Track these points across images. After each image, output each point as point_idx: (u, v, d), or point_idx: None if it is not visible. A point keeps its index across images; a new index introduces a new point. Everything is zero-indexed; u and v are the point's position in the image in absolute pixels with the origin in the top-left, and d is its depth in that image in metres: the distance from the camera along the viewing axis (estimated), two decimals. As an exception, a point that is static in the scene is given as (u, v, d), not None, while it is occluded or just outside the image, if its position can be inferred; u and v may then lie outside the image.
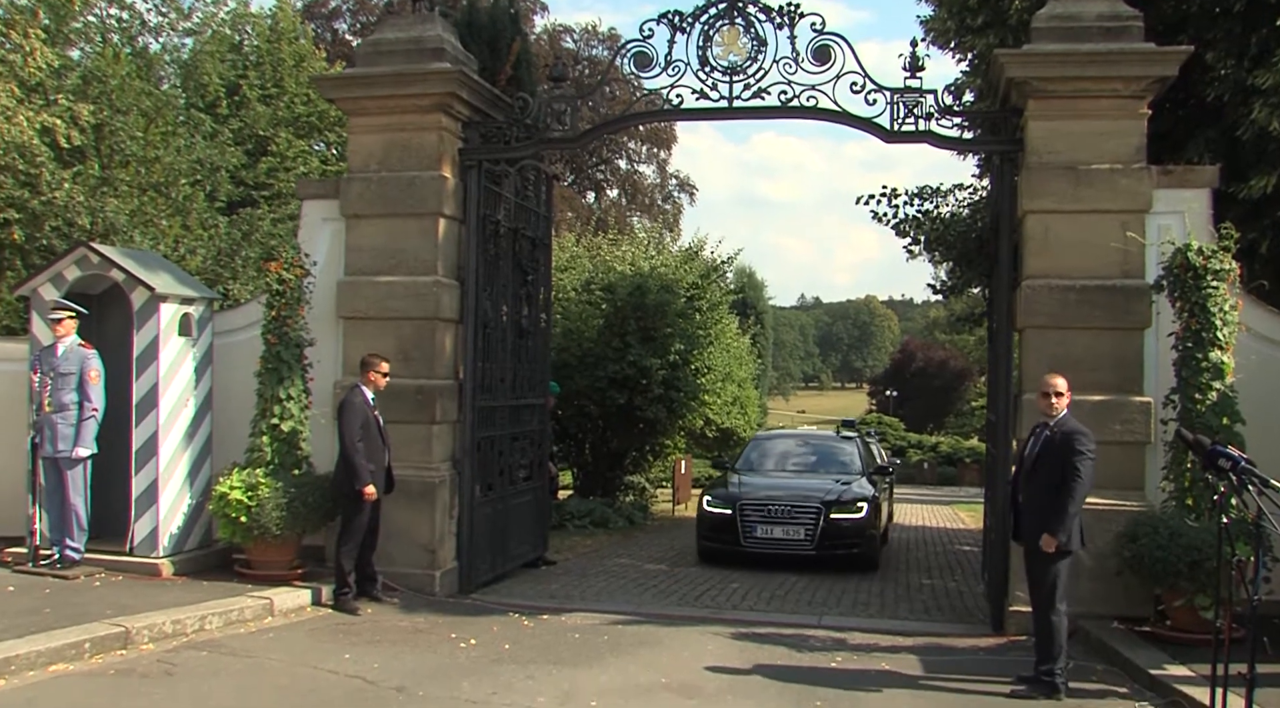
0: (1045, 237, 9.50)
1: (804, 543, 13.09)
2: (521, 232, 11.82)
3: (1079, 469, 7.43)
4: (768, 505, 13.39)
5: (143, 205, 17.43)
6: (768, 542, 13.20)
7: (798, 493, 13.71)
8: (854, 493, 13.66)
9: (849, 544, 13.13)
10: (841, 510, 13.25)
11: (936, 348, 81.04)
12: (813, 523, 13.10)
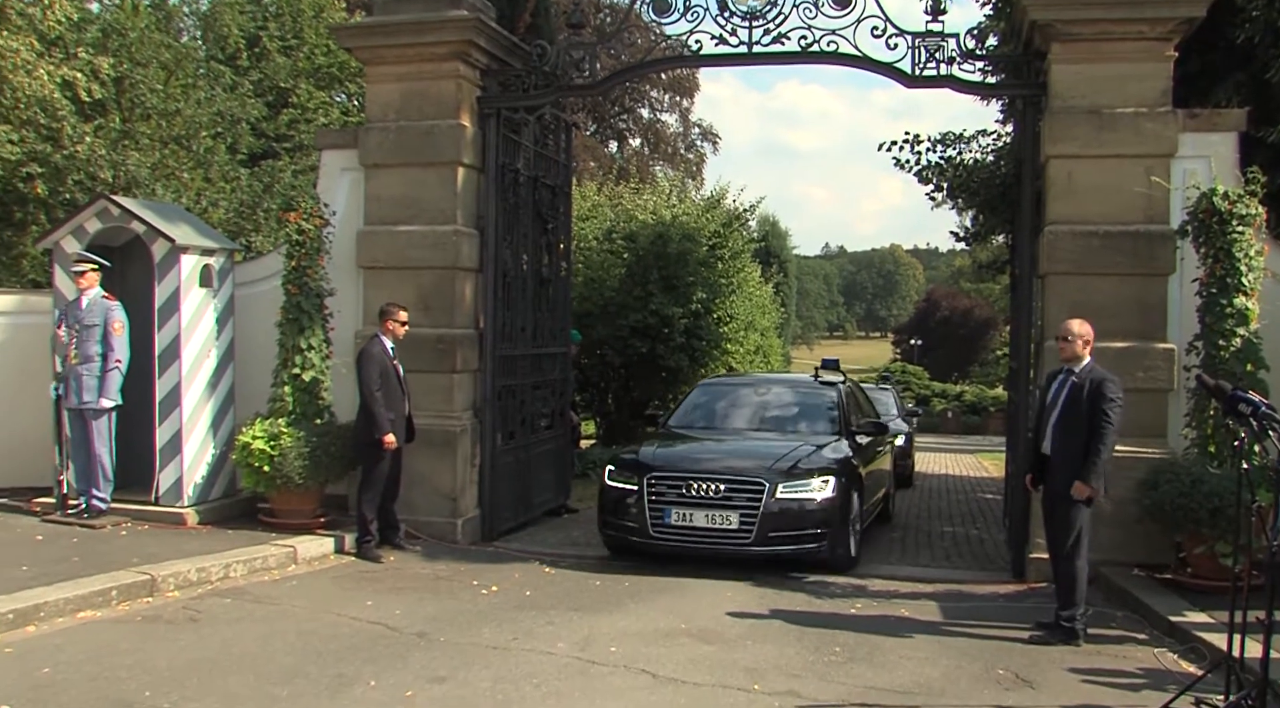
0: (1068, 182, 9.39)
1: (737, 535, 9.33)
2: (541, 180, 11.78)
3: (1109, 416, 7.38)
4: (688, 480, 9.58)
5: (164, 158, 17.44)
6: (686, 532, 9.44)
7: (733, 462, 10.00)
8: (817, 462, 9.88)
9: (804, 537, 9.40)
10: (795, 487, 9.50)
11: (961, 296, 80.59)
12: (751, 505, 9.35)
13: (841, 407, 11.40)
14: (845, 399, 11.66)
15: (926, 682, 6.48)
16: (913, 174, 13.39)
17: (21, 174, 15.79)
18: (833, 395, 11.64)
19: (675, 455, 10.20)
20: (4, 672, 6.05)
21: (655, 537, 9.54)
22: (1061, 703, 6.13)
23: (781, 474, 9.53)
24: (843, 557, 9.75)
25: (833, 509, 9.51)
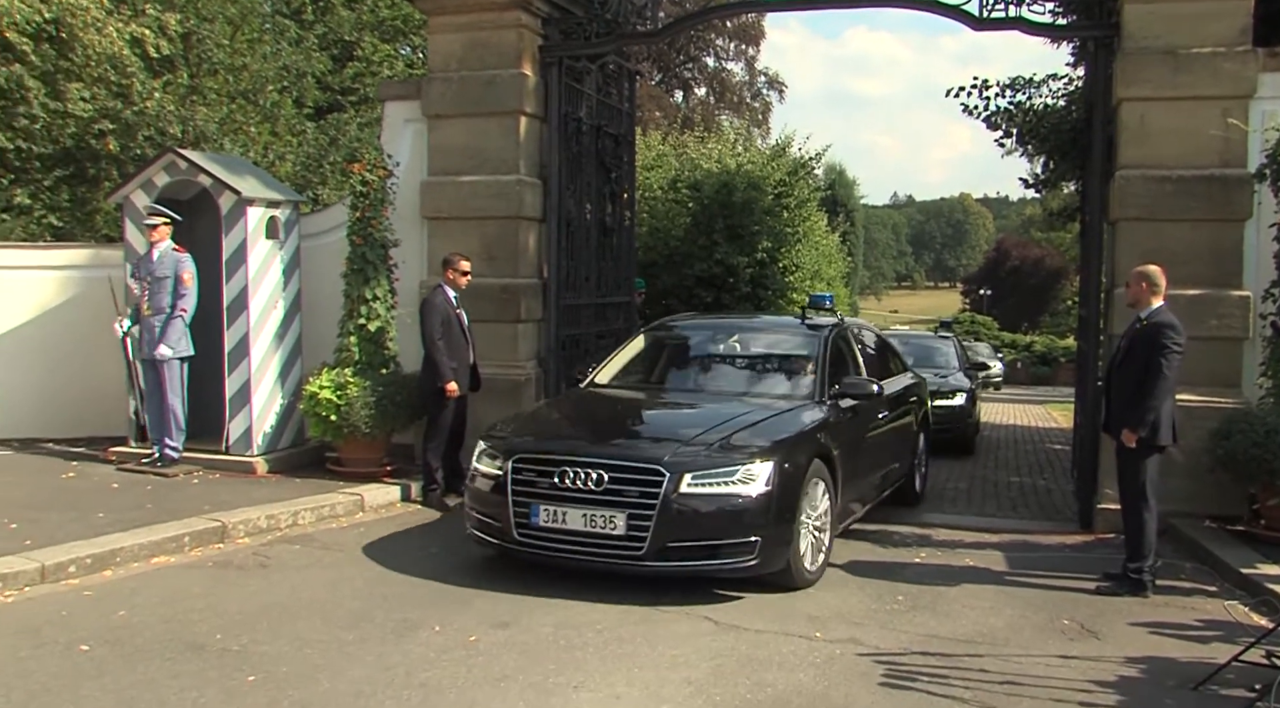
0: (1141, 125, 9.15)
1: (625, 543, 6.79)
2: (604, 129, 11.73)
3: (1162, 364, 7.21)
4: (563, 466, 7.03)
5: (231, 113, 17.63)
6: (557, 537, 6.97)
7: (633, 444, 7.60)
8: (752, 439, 7.22)
9: (716, 548, 6.84)
10: (712, 476, 6.88)
11: (1032, 246, 79.45)
12: (643, 505, 6.78)
13: (820, 360, 8.57)
14: (827, 350, 8.66)
15: (990, 631, 6.45)
16: (981, 120, 13.16)
17: (94, 131, 16.07)
18: (817, 346, 8.74)
19: (558, 430, 8.10)
20: (83, 614, 6.21)
21: (520, 540, 7.06)
22: (1127, 654, 6.06)
23: (684, 467, 6.84)
24: (787, 573, 7.05)
25: (767, 507, 6.83)
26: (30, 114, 15.45)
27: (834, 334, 9.01)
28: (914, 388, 10.58)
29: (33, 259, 11.89)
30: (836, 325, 9.24)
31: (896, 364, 10.68)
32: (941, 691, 5.37)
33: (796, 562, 7.09)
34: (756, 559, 6.81)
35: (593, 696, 5.16)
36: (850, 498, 8.19)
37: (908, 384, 10.43)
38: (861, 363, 9.27)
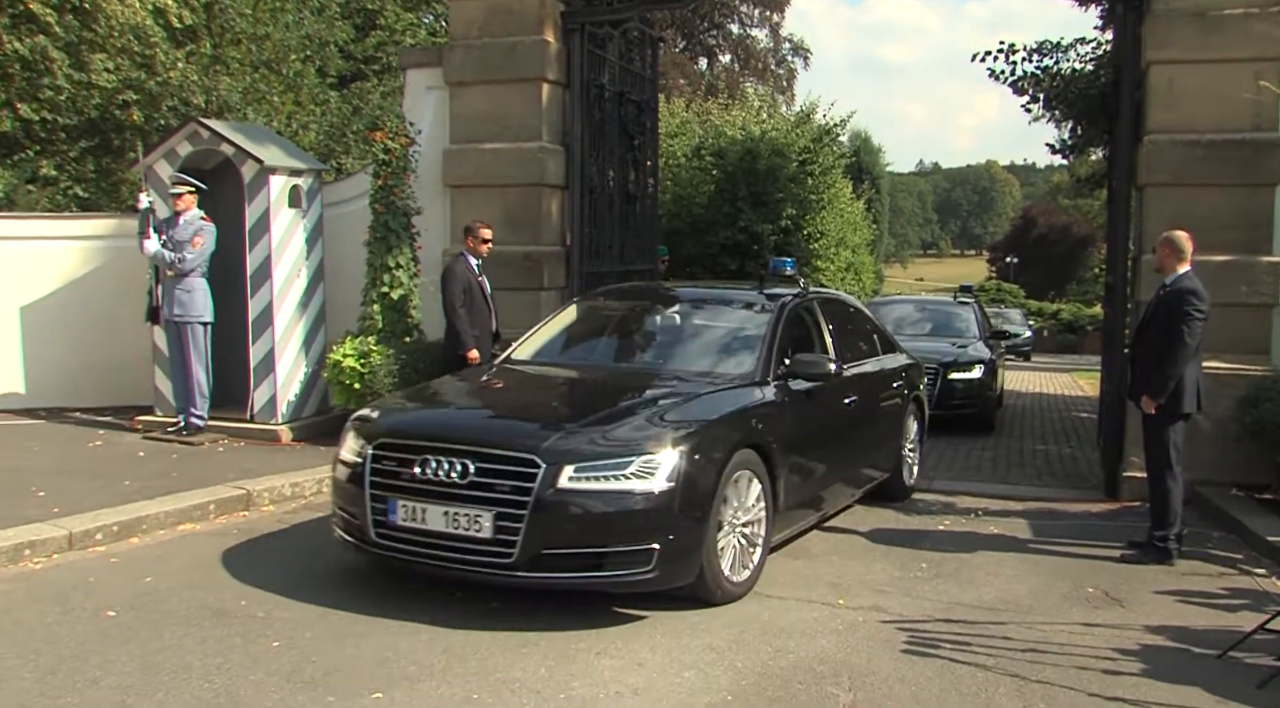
0: (1169, 89, 9.04)
1: (491, 548, 5.64)
2: (627, 96, 11.67)
3: (1184, 330, 7.11)
4: (426, 454, 5.87)
5: (255, 83, 17.60)
6: (416, 537, 5.83)
7: (510, 427, 6.34)
8: (647, 433, 5.96)
9: (603, 557, 5.66)
10: (593, 472, 5.68)
11: (1059, 213, 78.84)
12: (515, 502, 5.63)
13: (769, 335, 7.32)
14: (779, 324, 7.45)
15: (1014, 599, 6.42)
16: (1008, 85, 12.98)
17: (118, 102, 16.08)
18: (763, 319, 7.59)
19: (433, 409, 6.91)
20: (110, 580, 6.26)
21: (378, 539, 5.94)
22: (1152, 622, 6.03)
23: (582, 445, 5.75)
24: (701, 586, 5.89)
25: (669, 506, 5.65)
26: (55, 85, 15.49)
27: (792, 306, 7.75)
28: (902, 369, 9.21)
29: (59, 230, 11.96)
30: (797, 296, 7.99)
31: (882, 342, 9.29)
32: (964, 658, 5.36)
33: (713, 573, 5.87)
34: (654, 571, 5.60)
35: (614, 662, 5.17)
36: (801, 498, 6.98)
37: (894, 365, 9.12)
38: (829, 340, 7.95)
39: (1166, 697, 4.91)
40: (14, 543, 6.60)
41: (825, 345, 7.92)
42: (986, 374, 13.63)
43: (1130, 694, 4.93)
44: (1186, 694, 4.94)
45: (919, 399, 9.59)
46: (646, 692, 4.82)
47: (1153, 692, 4.97)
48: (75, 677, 4.80)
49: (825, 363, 7.31)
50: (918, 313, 16.07)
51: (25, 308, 11.40)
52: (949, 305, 16.46)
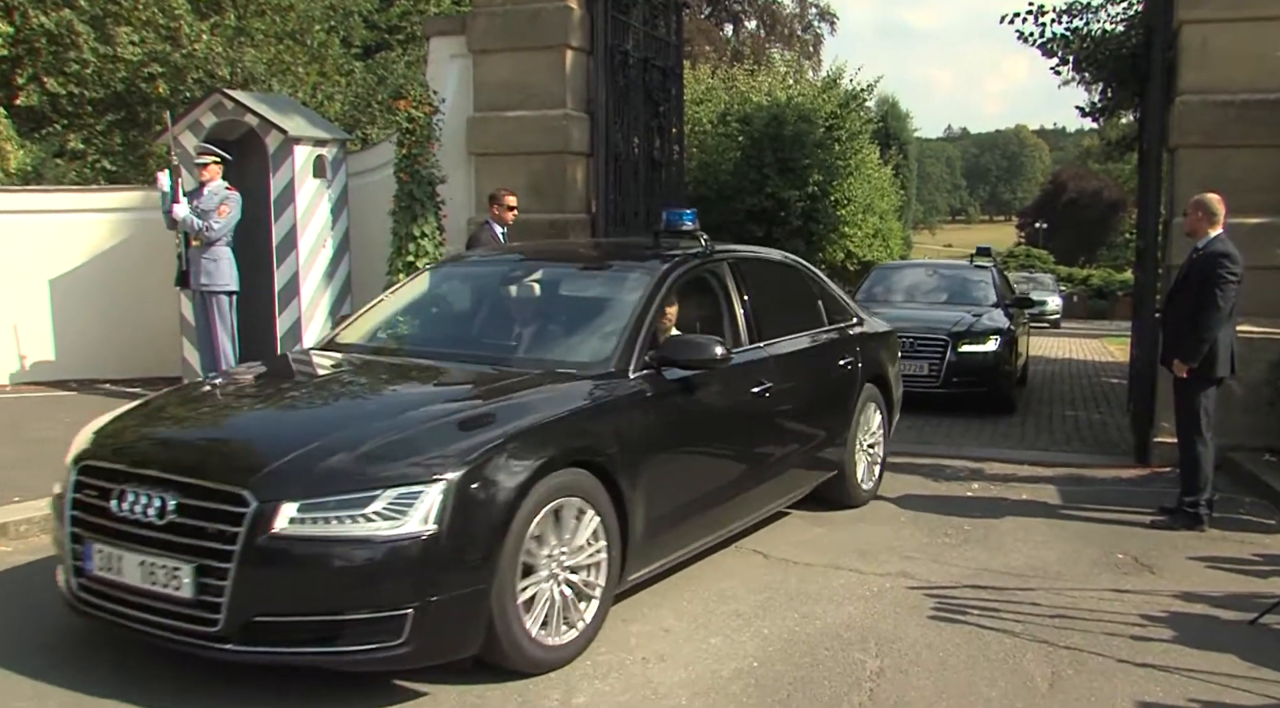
0: (1202, 48, 8.90)
1: (193, 611, 4.19)
2: (651, 62, 11.60)
3: (1216, 294, 6.99)
4: (125, 484, 4.47)
5: (279, 54, 17.61)
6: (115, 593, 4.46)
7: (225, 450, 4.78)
8: (397, 459, 4.36)
9: (339, 626, 4.14)
10: (323, 512, 4.17)
11: (1089, 177, 78.00)
12: (219, 552, 4.16)
13: (638, 310, 5.65)
14: (655, 295, 5.76)
15: (1042, 565, 6.39)
16: (1037, 47, 12.85)
17: (143, 74, 16.13)
18: (638, 288, 5.86)
19: (155, 424, 5.16)
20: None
21: (79, 592, 4.60)
22: (1182, 589, 5.98)
23: (311, 476, 4.26)
24: (496, 652, 4.45)
25: (427, 558, 4.16)
26: (81, 59, 15.55)
27: (680, 272, 6.06)
28: (854, 344, 7.53)
29: (87, 202, 12.01)
30: (694, 258, 6.31)
31: (830, 310, 7.59)
32: (992, 624, 5.34)
33: (510, 638, 4.41)
34: (406, 645, 4.12)
35: (641, 628, 5.17)
36: (679, 520, 5.48)
37: (840, 339, 7.45)
38: (741, 312, 6.38)
39: (1197, 663, 4.87)
40: (45, 514, 6.62)
41: (734, 319, 6.36)
42: (1003, 347, 12.05)
43: (1160, 661, 4.90)
44: (1217, 661, 4.90)
45: (883, 379, 7.92)
46: (672, 658, 4.82)
47: (1183, 658, 4.94)
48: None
49: (709, 346, 5.46)
50: (929, 278, 14.56)
51: (54, 281, 11.47)
52: (964, 270, 14.77)
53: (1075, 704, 4.45)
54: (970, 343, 11.93)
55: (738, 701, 4.41)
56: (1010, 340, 12.24)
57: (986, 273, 14.30)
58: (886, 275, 14.87)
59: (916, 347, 11.66)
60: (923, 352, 11.80)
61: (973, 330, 12.08)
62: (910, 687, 4.59)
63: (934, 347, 11.83)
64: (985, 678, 4.69)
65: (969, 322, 12.27)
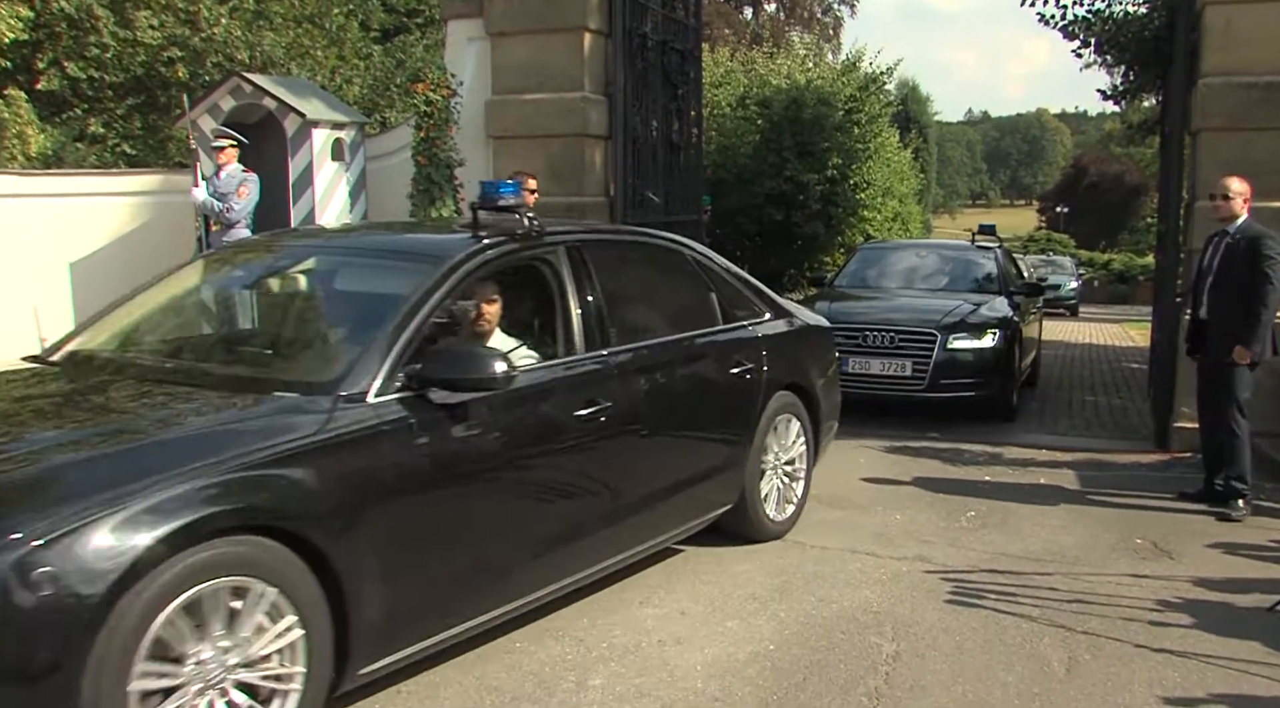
0: (1226, 30, 8.79)
1: None
2: (670, 45, 11.54)
3: (1269, 274, 6.92)
4: None
5: (298, 37, 17.66)
6: None
7: None
8: None
9: None
10: None
11: (1111, 161, 77.49)
12: None
13: (404, 314, 4.28)
14: (426, 299, 4.37)
15: (1060, 550, 6.37)
16: (1058, 30, 12.81)
17: (163, 59, 16.20)
18: (411, 286, 4.44)
19: None
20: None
21: None
22: (1201, 575, 5.96)
23: None
24: None
25: None
26: (101, 43, 15.60)
27: (478, 260, 4.72)
28: (755, 346, 6.26)
29: (107, 186, 12.02)
30: (504, 243, 4.90)
31: (728, 304, 6.35)
32: (1009, 608, 5.33)
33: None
34: None
35: (657, 611, 5.18)
36: (434, 601, 4.16)
37: (731, 341, 6.17)
38: (576, 313, 5.06)
39: (1215, 649, 4.86)
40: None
41: (568, 320, 5.05)
42: (1002, 342, 10.29)
43: (1178, 646, 4.88)
44: (1236, 647, 4.88)
45: (804, 389, 6.64)
46: (689, 641, 4.83)
47: (1201, 644, 4.92)
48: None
49: (485, 362, 4.16)
50: (920, 260, 12.57)
51: (74, 264, 11.50)
52: (965, 251, 12.77)
53: (1093, 690, 4.44)
54: (962, 337, 10.18)
55: (754, 683, 4.42)
56: (1011, 336, 10.45)
57: (989, 254, 12.35)
58: (874, 257, 12.93)
59: (898, 342, 10.09)
60: (905, 348, 10.09)
61: (967, 321, 10.36)
62: (926, 671, 4.59)
63: (919, 342, 10.09)
64: (1002, 663, 4.68)
65: (962, 313, 10.52)
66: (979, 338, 10.22)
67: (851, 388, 8.21)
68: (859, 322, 10.25)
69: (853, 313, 10.53)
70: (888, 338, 10.09)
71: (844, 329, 9.59)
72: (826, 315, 8.45)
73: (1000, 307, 10.82)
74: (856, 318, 10.34)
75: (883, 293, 11.76)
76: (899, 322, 10.33)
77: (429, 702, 4.18)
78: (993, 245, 12.73)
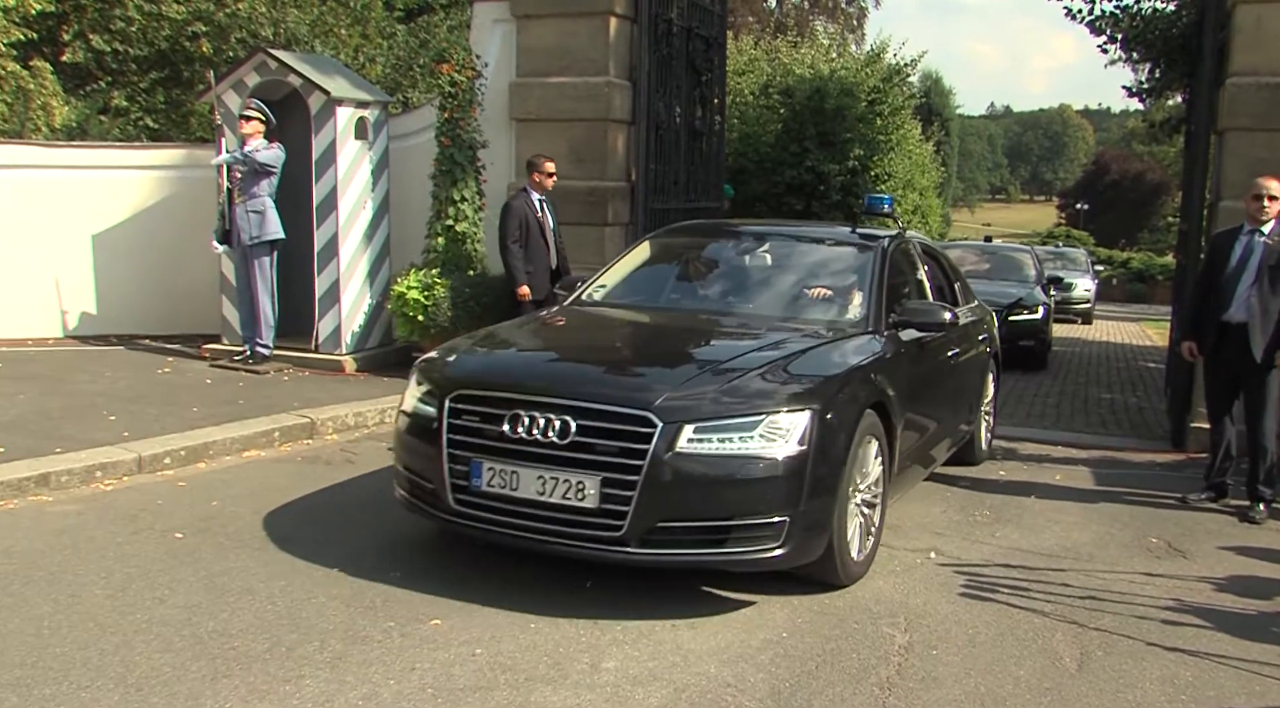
0: (1257, 28, 8.74)
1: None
2: (695, 31, 11.53)
3: None
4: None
5: (322, 15, 17.66)
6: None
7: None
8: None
9: None
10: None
11: (1133, 159, 77.18)
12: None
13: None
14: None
15: (1074, 546, 6.37)
16: (1085, 25, 12.73)
17: (187, 33, 16.22)
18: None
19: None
20: (178, 503, 6.38)
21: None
22: (1215, 575, 5.96)
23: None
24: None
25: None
26: (126, 17, 15.64)
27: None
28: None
29: (130, 159, 12.08)
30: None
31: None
32: (1022, 603, 5.33)
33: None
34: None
35: (672, 595, 5.18)
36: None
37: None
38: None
39: (1228, 649, 4.86)
40: (86, 465, 6.74)
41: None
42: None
43: (1190, 645, 4.89)
44: (1248, 648, 4.88)
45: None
46: (702, 626, 4.85)
47: (1214, 643, 4.92)
48: (144, 594, 4.91)
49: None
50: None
51: (97, 236, 11.56)
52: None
53: (1104, 686, 4.44)
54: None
55: (766, 670, 4.43)
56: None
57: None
58: None
59: None
60: None
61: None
62: (938, 663, 4.60)
63: None
64: (1014, 657, 4.69)
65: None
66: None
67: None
68: None
69: None
70: None
71: None
72: None
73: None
74: None
75: None
76: None
77: (443, 679, 4.21)
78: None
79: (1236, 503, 7.33)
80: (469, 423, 5.14)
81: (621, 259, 7.49)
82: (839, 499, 5.11)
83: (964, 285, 8.40)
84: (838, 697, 4.24)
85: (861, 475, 5.43)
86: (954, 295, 7.94)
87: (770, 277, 7.04)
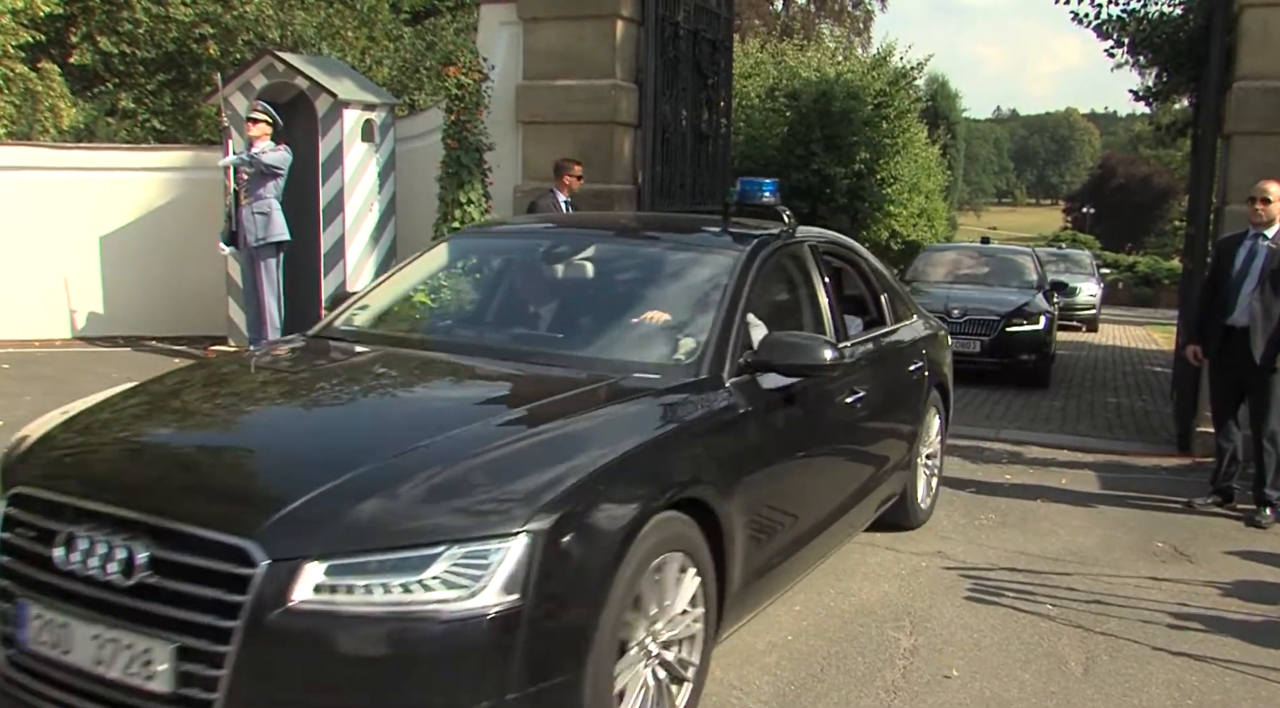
0: (1264, 33, 8.72)
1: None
2: (701, 34, 11.54)
3: None
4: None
5: (329, 17, 17.67)
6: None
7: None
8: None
9: None
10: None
11: (1139, 163, 77.04)
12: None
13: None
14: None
15: (1079, 550, 6.37)
16: (1091, 28, 12.69)
17: (195, 35, 16.25)
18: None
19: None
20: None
21: None
22: (1220, 579, 5.95)
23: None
24: None
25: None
26: (134, 19, 15.69)
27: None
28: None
29: (137, 161, 12.13)
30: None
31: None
32: (1027, 607, 5.33)
33: None
34: None
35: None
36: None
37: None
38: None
39: (1234, 654, 4.85)
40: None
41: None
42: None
43: (1197, 650, 4.88)
44: (1254, 653, 4.88)
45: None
46: (707, 629, 4.85)
47: (1220, 648, 4.92)
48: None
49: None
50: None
51: (105, 238, 11.60)
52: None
53: (1110, 690, 4.44)
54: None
55: (772, 673, 4.44)
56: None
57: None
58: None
59: None
60: None
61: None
62: (944, 666, 4.60)
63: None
64: (1019, 660, 4.69)
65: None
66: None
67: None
68: None
69: None
70: None
71: None
72: None
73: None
74: None
75: None
76: None
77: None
78: None
79: (1243, 507, 7.31)
80: (22, 542, 3.25)
81: (405, 267, 5.64)
82: (595, 673, 3.17)
83: (896, 296, 6.55)
84: (843, 700, 4.24)
85: (650, 619, 3.49)
86: (880, 311, 6.21)
87: (586, 296, 5.14)
